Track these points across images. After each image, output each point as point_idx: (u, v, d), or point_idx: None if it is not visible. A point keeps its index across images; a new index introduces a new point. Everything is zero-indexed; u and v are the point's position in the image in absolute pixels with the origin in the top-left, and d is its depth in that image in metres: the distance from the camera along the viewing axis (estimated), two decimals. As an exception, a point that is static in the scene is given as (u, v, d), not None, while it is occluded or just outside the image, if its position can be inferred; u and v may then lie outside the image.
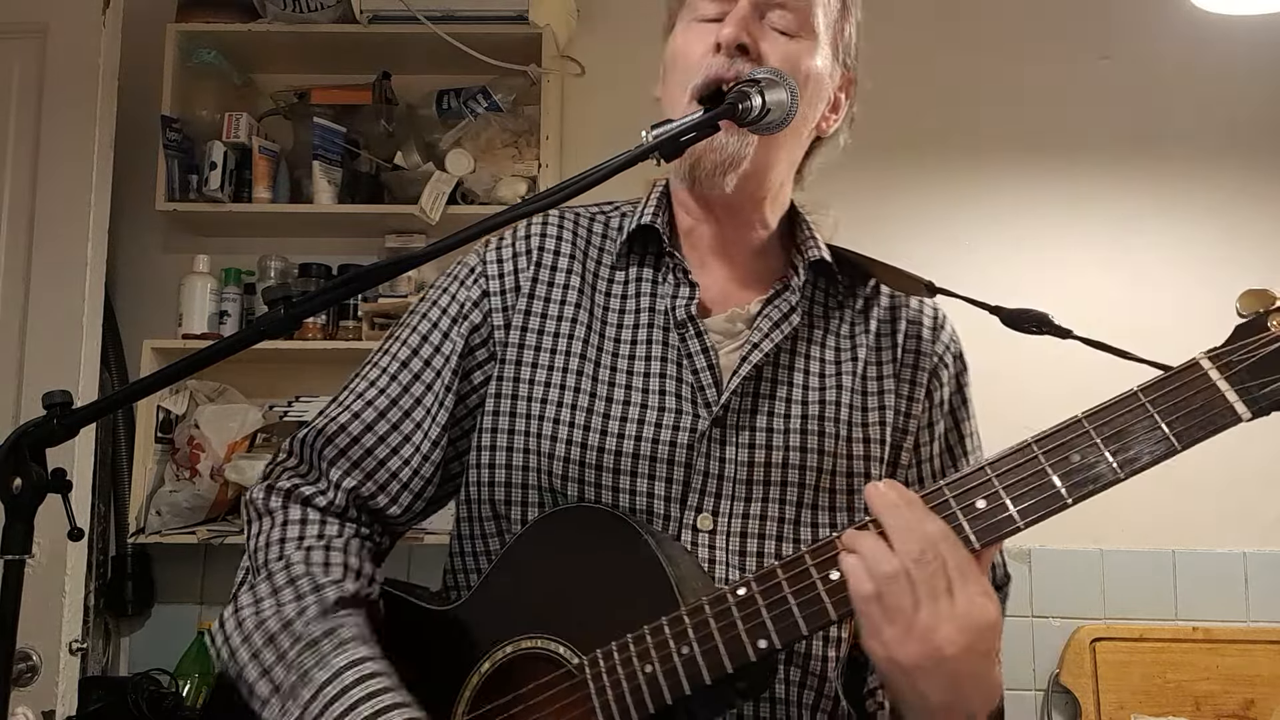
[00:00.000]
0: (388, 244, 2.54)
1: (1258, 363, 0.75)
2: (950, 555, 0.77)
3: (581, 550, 0.93)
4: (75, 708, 2.07)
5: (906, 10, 2.69)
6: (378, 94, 2.56)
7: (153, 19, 2.51)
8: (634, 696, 0.84)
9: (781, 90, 0.93)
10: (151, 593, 2.50)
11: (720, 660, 0.82)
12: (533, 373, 1.03)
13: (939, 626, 0.76)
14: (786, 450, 0.99)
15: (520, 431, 1.01)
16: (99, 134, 2.18)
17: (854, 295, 1.09)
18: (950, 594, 0.77)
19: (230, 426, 2.38)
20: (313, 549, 0.97)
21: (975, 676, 0.78)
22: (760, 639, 0.81)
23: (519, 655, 0.92)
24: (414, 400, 1.04)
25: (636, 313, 1.05)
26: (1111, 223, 2.59)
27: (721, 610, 0.83)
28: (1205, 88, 2.61)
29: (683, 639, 0.83)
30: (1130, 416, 0.77)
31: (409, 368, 1.05)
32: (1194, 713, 2.32)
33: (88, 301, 2.11)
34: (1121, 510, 2.43)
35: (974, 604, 0.77)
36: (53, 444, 0.85)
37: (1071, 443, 0.77)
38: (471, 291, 1.07)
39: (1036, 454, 0.78)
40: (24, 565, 0.83)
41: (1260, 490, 2.47)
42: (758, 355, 1.01)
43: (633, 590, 0.87)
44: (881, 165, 2.59)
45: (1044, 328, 0.99)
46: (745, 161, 1.00)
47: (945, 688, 0.78)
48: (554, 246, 1.08)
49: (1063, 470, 0.77)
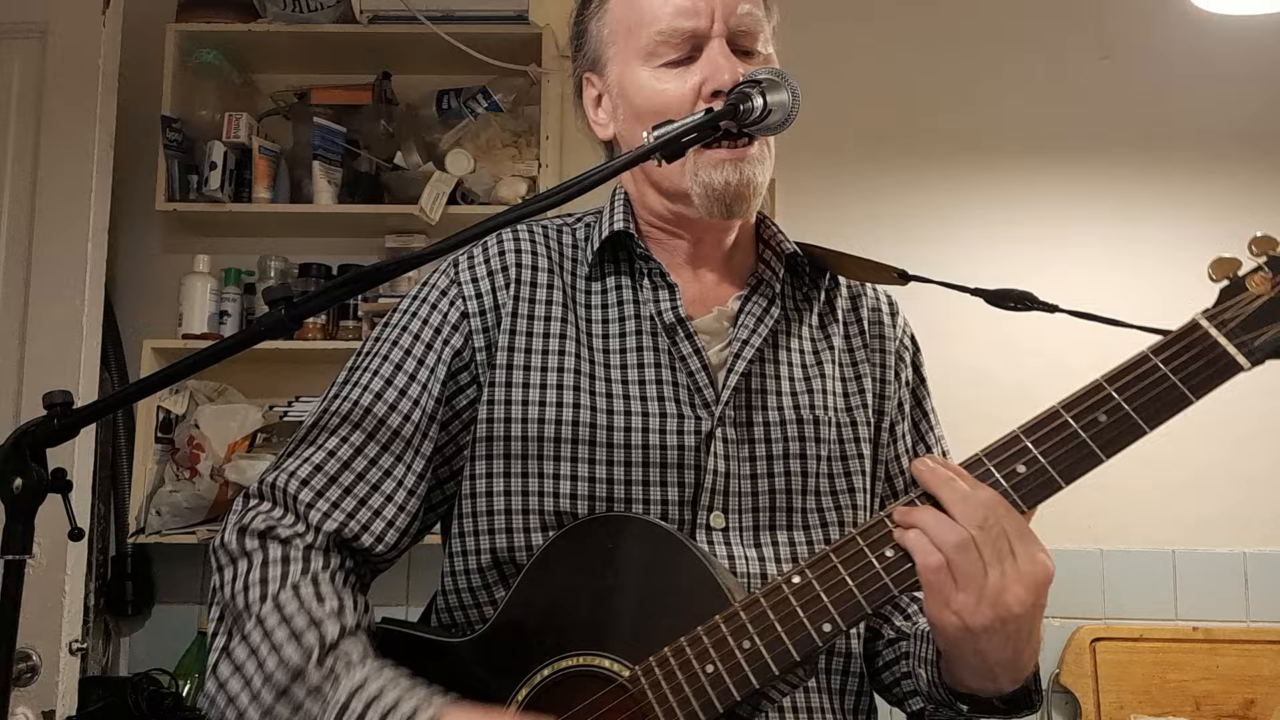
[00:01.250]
0: (388, 244, 2.54)
1: (1249, 318, 0.84)
2: (1007, 518, 0.82)
3: (613, 560, 0.90)
4: (75, 708, 2.07)
5: (906, 10, 2.69)
6: (378, 94, 2.56)
7: (153, 19, 2.51)
8: (699, 699, 0.83)
9: (783, 91, 0.94)
10: (151, 593, 2.49)
11: (786, 649, 0.83)
12: (525, 393, 0.99)
13: (1009, 588, 0.80)
14: (786, 441, 1.02)
15: (518, 455, 0.98)
16: (99, 134, 2.18)
17: (817, 287, 1.12)
18: (1014, 555, 0.81)
19: (230, 426, 2.38)
20: (300, 585, 0.90)
21: (1032, 632, 0.84)
22: (824, 622, 0.83)
23: (560, 676, 0.88)
24: (391, 433, 0.98)
25: (621, 320, 1.04)
26: (1111, 222, 2.59)
27: (779, 600, 0.84)
28: (1205, 88, 2.61)
29: (742, 634, 0.84)
30: (1146, 375, 0.84)
31: (383, 399, 0.99)
32: (1194, 713, 2.32)
33: (88, 301, 2.11)
34: (1121, 510, 2.43)
35: (1036, 561, 0.82)
36: (53, 444, 0.85)
37: (1097, 404, 0.84)
38: (449, 314, 1.02)
39: (1065, 417, 0.84)
40: (24, 565, 0.83)
41: (1260, 490, 2.47)
42: (749, 351, 1.02)
43: (676, 594, 0.87)
44: (880, 165, 2.59)
45: (1030, 305, 1.04)
46: (765, 183, 1.03)
47: (1006, 645, 0.83)
48: (530, 262, 1.04)
49: (1093, 430, 0.83)
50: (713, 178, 1.00)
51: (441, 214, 2.41)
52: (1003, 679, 0.87)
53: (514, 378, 1.00)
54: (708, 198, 1.00)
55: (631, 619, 0.87)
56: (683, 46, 1.01)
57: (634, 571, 0.89)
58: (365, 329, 2.43)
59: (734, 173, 1.00)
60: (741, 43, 1.02)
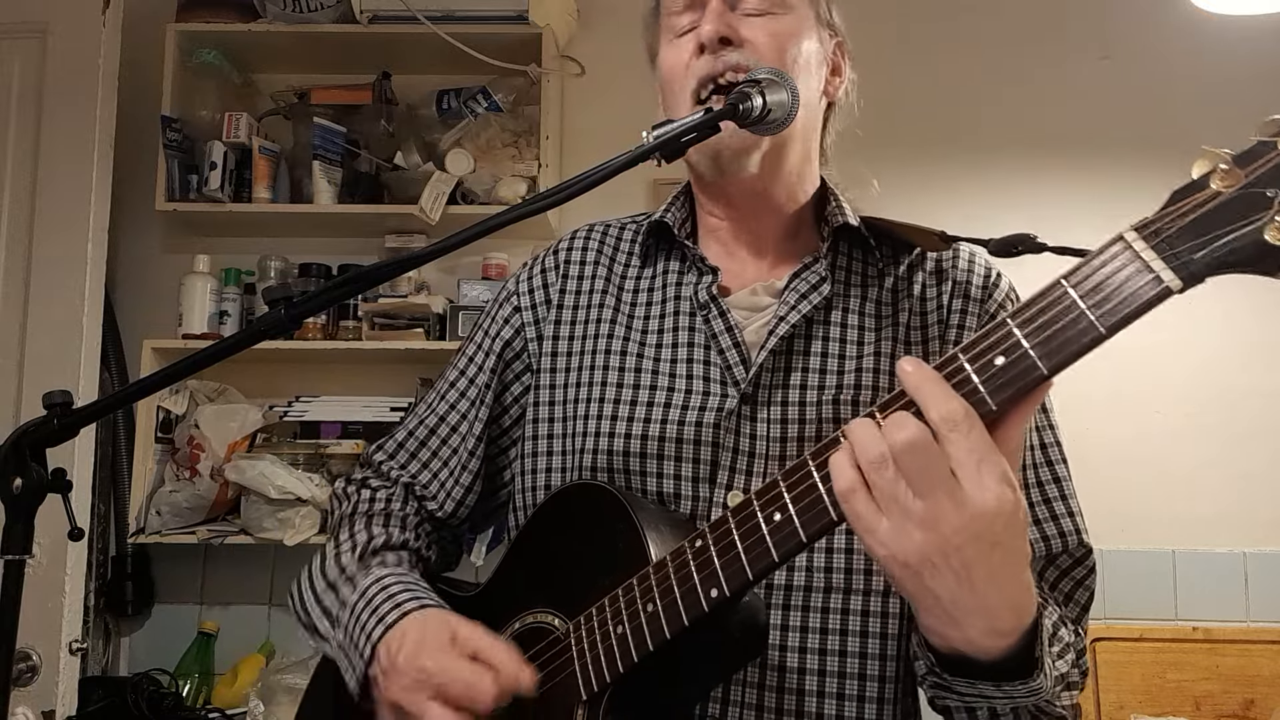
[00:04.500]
0: (388, 244, 2.55)
1: (1190, 224, 0.67)
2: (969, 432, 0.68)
3: (573, 526, 0.96)
4: (75, 708, 2.07)
5: (905, 10, 2.69)
6: (378, 94, 2.56)
7: (153, 19, 2.52)
8: (606, 657, 0.84)
9: (782, 90, 0.94)
10: (151, 593, 2.50)
11: (678, 613, 0.80)
12: (566, 377, 1.07)
13: (943, 516, 0.67)
14: (819, 422, 0.98)
15: (558, 435, 1.06)
16: (99, 134, 2.18)
17: (895, 263, 1.08)
18: (956, 477, 0.67)
19: (230, 426, 2.38)
20: (374, 516, 1.10)
21: (991, 574, 0.69)
22: (712, 588, 0.78)
23: (523, 630, 0.94)
24: (459, 416, 1.13)
25: (662, 303, 1.08)
26: (1111, 222, 2.57)
27: (680, 562, 0.81)
28: (1205, 88, 2.61)
29: (648, 596, 0.83)
30: (1053, 306, 0.68)
31: (455, 387, 1.15)
32: (1194, 713, 2.32)
33: (88, 301, 2.11)
34: (1121, 510, 2.43)
35: (985, 487, 0.67)
36: (53, 444, 0.85)
37: (995, 343, 0.69)
38: (504, 310, 1.14)
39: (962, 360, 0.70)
40: (24, 565, 0.83)
41: (1260, 490, 2.47)
42: (784, 327, 1.01)
43: (615, 556, 0.88)
44: (880, 164, 2.58)
45: (1022, 247, 1.01)
46: (765, 140, 1.01)
47: (960, 585, 0.69)
48: (580, 257, 1.14)
49: (986, 374, 0.69)
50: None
51: (441, 214, 2.41)
52: (971, 628, 0.72)
53: (556, 363, 1.09)
54: (700, 153, 1.01)
55: (574, 578, 0.92)
56: (685, 13, 1.04)
57: (582, 535, 0.94)
58: (365, 329, 2.43)
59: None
60: (750, 4, 1.02)
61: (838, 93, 1.13)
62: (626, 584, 0.85)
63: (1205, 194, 0.67)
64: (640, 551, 0.86)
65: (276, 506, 2.29)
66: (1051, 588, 1.00)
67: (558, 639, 0.90)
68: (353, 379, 2.56)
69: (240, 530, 2.35)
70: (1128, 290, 0.68)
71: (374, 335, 2.42)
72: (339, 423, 2.47)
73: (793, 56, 1.03)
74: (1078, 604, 1.01)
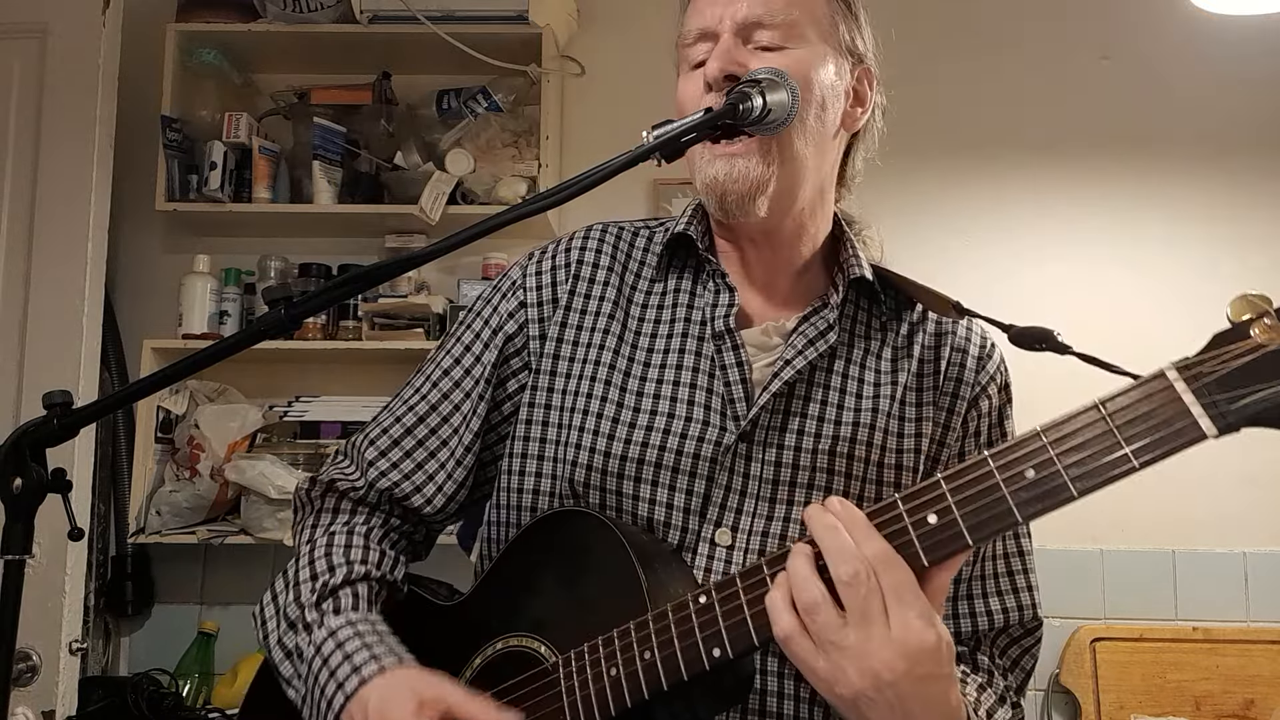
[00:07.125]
0: (388, 244, 2.55)
1: (1230, 375, 0.69)
2: (887, 575, 0.75)
3: (567, 554, 0.95)
4: (75, 708, 2.07)
5: (905, 11, 2.69)
6: (378, 94, 2.56)
7: (153, 19, 2.52)
8: (599, 699, 0.86)
9: (782, 91, 0.94)
10: (151, 593, 2.50)
11: (677, 666, 0.83)
12: (564, 383, 1.04)
13: (874, 653, 0.74)
14: (813, 471, 0.98)
15: (550, 440, 1.03)
16: (99, 134, 2.17)
17: (898, 318, 1.07)
18: (886, 616, 0.75)
19: (230, 426, 2.38)
20: (335, 533, 1.05)
21: (925, 701, 0.76)
22: (715, 648, 0.82)
23: (508, 651, 0.95)
24: (452, 406, 1.08)
25: (671, 322, 1.05)
26: (1112, 222, 2.59)
27: (682, 617, 0.84)
28: (1205, 88, 2.61)
29: (646, 644, 0.85)
30: (1089, 431, 0.72)
31: (449, 375, 1.09)
32: (1194, 713, 2.32)
33: (88, 301, 2.11)
34: (1121, 510, 2.43)
35: (909, 627, 0.74)
36: (52, 444, 0.85)
37: (1027, 456, 0.73)
38: (509, 303, 1.10)
39: (991, 468, 0.75)
40: (24, 565, 0.83)
41: (1260, 490, 2.47)
42: (789, 372, 0.99)
43: (609, 594, 0.89)
44: (879, 165, 2.59)
45: (1045, 344, 0.95)
46: (772, 182, 0.98)
47: (893, 715, 0.76)
48: (593, 260, 1.10)
49: (1015, 486, 0.73)
50: (705, 173, 0.99)
51: (441, 214, 2.41)
52: None
53: (556, 366, 1.06)
54: (705, 194, 1.01)
55: (567, 611, 0.93)
56: (699, 44, 1.03)
57: (578, 567, 0.94)
58: (365, 329, 2.43)
59: (724, 167, 0.98)
60: (757, 36, 1.00)
61: (858, 123, 1.09)
62: (623, 629, 0.86)
63: (1248, 344, 0.69)
64: (635, 592, 0.87)
65: (276, 506, 2.29)
66: (1001, 654, 1.06)
67: (545, 670, 0.90)
68: (353, 379, 2.56)
69: (240, 530, 2.35)
70: (1165, 430, 0.71)
71: (374, 335, 2.42)
72: (339, 423, 2.47)
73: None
74: (1023, 670, 1.07)
